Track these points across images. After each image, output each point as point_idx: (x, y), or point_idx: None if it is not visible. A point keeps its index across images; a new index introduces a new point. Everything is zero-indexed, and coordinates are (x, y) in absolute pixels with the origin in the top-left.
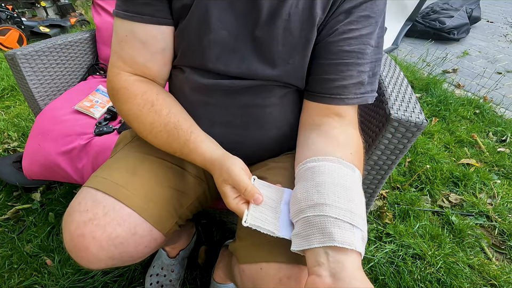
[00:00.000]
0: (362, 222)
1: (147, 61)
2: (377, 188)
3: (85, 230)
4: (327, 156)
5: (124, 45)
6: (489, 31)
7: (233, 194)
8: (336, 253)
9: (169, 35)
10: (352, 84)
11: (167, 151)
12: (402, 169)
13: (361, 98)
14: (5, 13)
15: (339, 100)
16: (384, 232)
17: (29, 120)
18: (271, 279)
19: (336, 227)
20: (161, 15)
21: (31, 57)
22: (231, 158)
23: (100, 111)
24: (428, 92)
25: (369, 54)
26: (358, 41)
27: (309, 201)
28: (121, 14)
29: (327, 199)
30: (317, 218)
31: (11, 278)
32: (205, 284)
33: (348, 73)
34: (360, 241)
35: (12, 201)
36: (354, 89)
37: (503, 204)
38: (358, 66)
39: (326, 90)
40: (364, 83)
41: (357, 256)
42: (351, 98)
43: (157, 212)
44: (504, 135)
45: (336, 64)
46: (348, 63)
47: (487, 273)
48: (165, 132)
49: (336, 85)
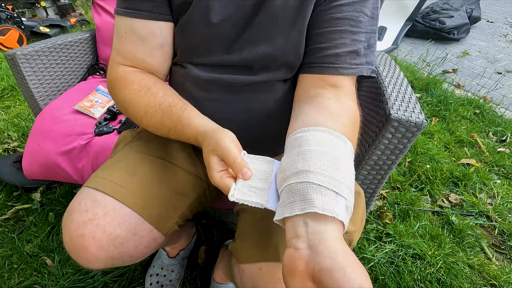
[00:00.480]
0: (348, 191)
1: (146, 56)
2: (377, 188)
3: (85, 230)
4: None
5: (124, 41)
6: (489, 31)
7: (219, 167)
8: (315, 223)
9: (168, 31)
10: (345, 52)
11: (162, 133)
12: (402, 169)
13: (356, 69)
14: (5, 13)
15: (332, 69)
16: (384, 232)
17: (29, 120)
18: (271, 278)
19: (318, 194)
20: (160, 11)
21: (31, 57)
22: (224, 130)
23: (100, 111)
24: (428, 91)
25: (364, 23)
26: (351, 8)
27: (293, 169)
28: (121, 11)
29: (312, 166)
30: (299, 185)
31: (11, 278)
32: (205, 283)
33: (340, 41)
34: (344, 210)
35: (12, 201)
36: (348, 59)
37: (503, 204)
38: (352, 34)
39: (318, 59)
40: (359, 53)
41: (338, 225)
42: (345, 68)
43: (156, 212)
44: (504, 135)
45: (329, 32)
46: (340, 30)
47: (487, 273)
48: (160, 111)
49: (328, 53)
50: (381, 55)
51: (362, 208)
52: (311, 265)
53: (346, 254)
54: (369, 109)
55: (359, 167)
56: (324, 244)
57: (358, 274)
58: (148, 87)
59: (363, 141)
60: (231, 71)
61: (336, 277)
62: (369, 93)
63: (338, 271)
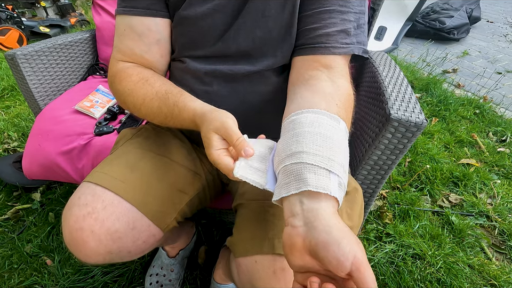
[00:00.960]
0: (341, 169)
1: (144, 52)
2: (377, 188)
3: (84, 224)
4: (311, 108)
5: (123, 38)
6: (489, 31)
7: (219, 145)
8: (310, 201)
9: (164, 27)
10: (336, 32)
11: (159, 120)
12: (402, 169)
13: (347, 49)
14: (5, 13)
15: (324, 48)
16: (384, 232)
17: (29, 120)
18: (266, 271)
19: (312, 173)
20: (156, 8)
21: (31, 57)
22: (223, 111)
23: (100, 111)
24: (428, 91)
25: (352, 3)
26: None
27: (288, 151)
28: (120, 11)
29: (305, 147)
30: (294, 166)
31: (11, 278)
32: (205, 284)
33: (330, 21)
34: (337, 187)
35: (12, 201)
36: (339, 38)
37: (503, 204)
38: (341, 14)
39: (309, 40)
40: (350, 33)
41: (332, 202)
42: (336, 47)
43: (155, 207)
44: (504, 135)
45: (318, 12)
46: (329, 10)
47: (487, 273)
48: (157, 98)
49: (319, 33)
50: (381, 55)
51: (360, 205)
52: (308, 241)
53: (341, 228)
54: (369, 109)
55: (359, 167)
56: (319, 220)
57: (352, 246)
58: (145, 78)
59: (363, 141)
60: (230, 61)
61: (332, 249)
62: (369, 93)
63: (333, 244)
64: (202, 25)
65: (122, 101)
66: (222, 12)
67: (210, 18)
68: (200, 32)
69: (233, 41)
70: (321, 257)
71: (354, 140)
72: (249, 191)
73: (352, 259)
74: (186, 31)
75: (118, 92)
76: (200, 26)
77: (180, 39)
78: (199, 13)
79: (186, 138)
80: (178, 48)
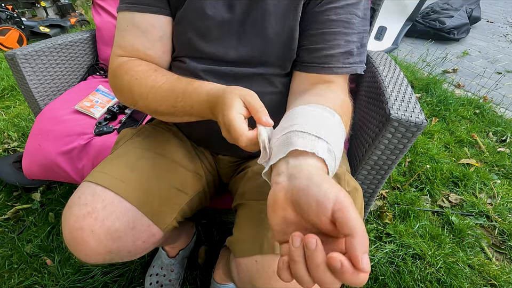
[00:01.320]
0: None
1: (147, 49)
2: (377, 188)
3: (84, 223)
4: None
5: (124, 34)
6: (489, 31)
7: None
8: (296, 159)
9: (166, 24)
10: (339, 53)
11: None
12: (402, 169)
13: (350, 68)
14: (5, 13)
15: (327, 68)
16: (384, 232)
17: (29, 120)
18: (266, 271)
19: (300, 138)
20: (159, 5)
21: (31, 57)
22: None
23: (100, 111)
24: (428, 91)
25: (356, 25)
26: (345, 10)
27: (280, 128)
28: (123, 7)
29: (297, 122)
30: (284, 136)
31: (11, 278)
32: (205, 284)
33: (335, 42)
34: (325, 151)
35: (12, 201)
36: (342, 59)
37: (503, 204)
38: (345, 35)
39: (314, 59)
40: (353, 53)
41: (320, 162)
42: (339, 68)
43: (156, 207)
44: (504, 135)
45: (323, 33)
46: (334, 32)
47: (487, 273)
48: (168, 83)
49: (323, 54)
50: (381, 55)
51: (360, 205)
52: (289, 192)
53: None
54: (369, 109)
55: (359, 167)
56: (302, 171)
57: (334, 187)
58: (154, 68)
59: (363, 141)
60: (230, 64)
61: (312, 192)
62: (369, 93)
63: (314, 187)
64: (203, 28)
65: (127, 91)
66: (223, 18)
67: (211, 21)
68: (200, 34)
69: (233, 48)
70: (302, 205)
71: (354, 140)
72: (249, 191)
73: (334, 199)
74: (186, 32)
75: (123, 84)
76: (200, 29)
77: (180, 38)
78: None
79: (186, 138)
80: (178, 47)
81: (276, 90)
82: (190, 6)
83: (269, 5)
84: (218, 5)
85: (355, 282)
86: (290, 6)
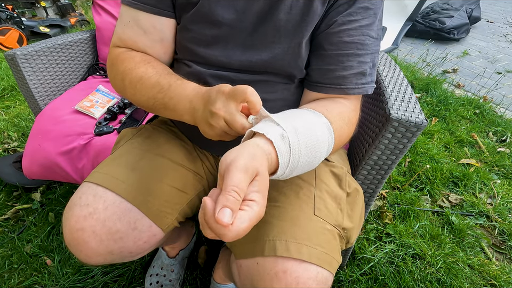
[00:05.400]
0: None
1: (147, 47)
2: (377, 188)
3: (85, 224)
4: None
5: (126, 29)
6: (489, 31)
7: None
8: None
9: (169, 27)
10: (352, 74)
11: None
12: (402, 169)
13: (362, 89)
14: (5, 13)
15: (339, 90)
16: (384, 232)
17: (29, 120)
18: (267, 273)
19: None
20: (163, 7)
21: (31, 57)
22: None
23: (100, 111)
24: (428, 92)
25: (370, 45)
26: (358, 32)
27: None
28: (127, 2)
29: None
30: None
31: (11, 278)
32: (205, 283)
33: (348, 64)
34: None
35: (12, 201)
36: (355, 80)
37: (503, 204)
38: (358, 57)
39: (326, 80)
40: (365, 74)
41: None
42: (351, 89)
43: (156, 207)
44: (504, 135)
45: (337, 55)
46: (348, 54)
47: (487, 273)
48: (157, 75)
49: (336, 75)
50: (381, 55)
51: (360, 206)
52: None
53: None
54: (369, 108)
55: (359, 167)
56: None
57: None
58: (148, 60)
59: (363, 140)
60: (236, 71)
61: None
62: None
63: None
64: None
65: (120, 80)
66: (231, 29)
67: (219, 30)
68: (208, 43)
69: (238, 60)
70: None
71: (354, 140)
72: None
73: (228, 162)
74: (192, 38)
75: (118, 72)
76: (207, 37)
77: (185, 43)
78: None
79: (187, 138)
80: (183, 50)
81: (280, 97)
82: (200, 12)
83: (282, 20)
84: (229, 13)
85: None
86: (301, 23)
